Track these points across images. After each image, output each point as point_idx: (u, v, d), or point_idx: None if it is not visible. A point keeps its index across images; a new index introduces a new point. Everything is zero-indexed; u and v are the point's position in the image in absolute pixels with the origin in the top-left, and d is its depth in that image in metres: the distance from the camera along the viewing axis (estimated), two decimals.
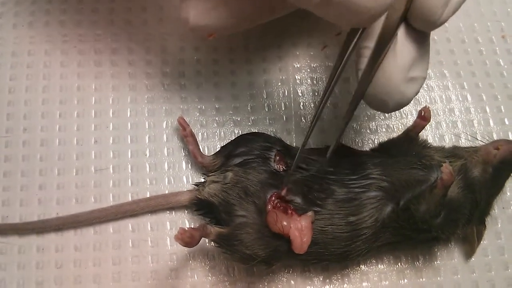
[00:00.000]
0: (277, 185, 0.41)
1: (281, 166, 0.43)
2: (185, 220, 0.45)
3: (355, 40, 0.34)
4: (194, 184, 0.45)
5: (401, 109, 0.49)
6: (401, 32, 0.34)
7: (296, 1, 0.32)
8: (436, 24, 0.33)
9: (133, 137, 0.47)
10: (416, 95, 0.35)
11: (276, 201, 0.41)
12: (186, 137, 0.45)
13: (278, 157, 0.43)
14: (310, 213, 0.40)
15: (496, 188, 0.45)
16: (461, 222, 0.42)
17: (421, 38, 0.34)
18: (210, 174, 0.43)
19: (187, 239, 0.37)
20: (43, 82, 0.49)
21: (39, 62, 0.50)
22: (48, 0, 0.52)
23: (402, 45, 0.34)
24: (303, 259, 0.42)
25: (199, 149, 0.45)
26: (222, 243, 0.41)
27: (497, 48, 0.53)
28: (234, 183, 0.41)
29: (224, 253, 0.42)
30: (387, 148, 0.46)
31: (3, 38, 0.50)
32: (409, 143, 0.45)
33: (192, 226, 0.44)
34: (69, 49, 0.50)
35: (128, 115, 0.48)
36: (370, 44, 0.35)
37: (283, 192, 0.40)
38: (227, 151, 0.44)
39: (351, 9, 0.30)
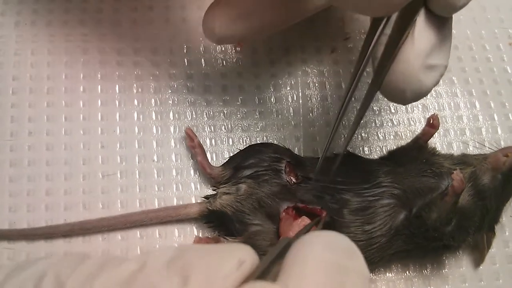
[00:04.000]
0: (290, 198, 0.41)
1: (292, 178, 0.42)
2: (193, 228, 0.44)
3: (379, 30, 0.33)
4: (204, 197, 0.44)
5: (409, 116, 0.50)
6: (420, 18, 0.33)
7: None
8: (455, 7, 0.32)
9: (141, 142, 0.46)
10: (435, 84, 0.34)
11: (291, 210, 0.41)
12: (194, 148, 0.45)
13: (288, 169, 0.43)
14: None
15: (505, 195, 0.45)
16: (472, 230, 0.42)
17: (441, 24, 0.33)
18: (221, 186, 0.43)
19: None
20: (48, 83, 0.48)
21: (43, 61, 0.48)
22: None
23: (421, 31, 0.33)
24: None
25: (208, 160, 0.45)
26: None
27: (504, 55, 0.53)
28: (248, 194, 0.41)
29: None
30: (396, 156, 0.46)
31: (5, 36, 0.49)
32: (418, 150, 0.45)
33: (201, 235, 0.44)
34: (73, 48, 0.49)
35: (135, 119, 0.47)
36: (387, 30, 0.33)
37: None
38: (236, 163, 0.44)
39: None
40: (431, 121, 0.44)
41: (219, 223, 0.42)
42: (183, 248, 0.23)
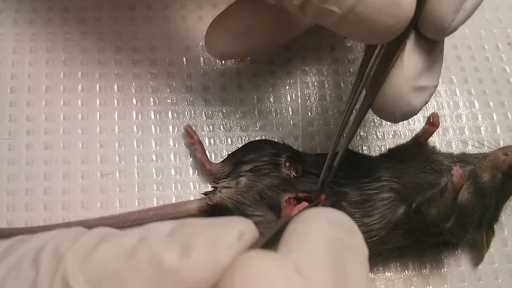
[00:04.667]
0: (291, 189, 0.41)
1: (292, 172, 0.43)
2: None
3: (374, 56, 0.34)
4: (203, 194, 0.44)
5: None
6: (410, 41, 0.33)
7: (313, 19, 0.31)
8: (445, 32, 0.32)
9: (139, 141, 0.46)
10: (425, 104, 0.35)
11: (292, 200, 0.41)
12: (194, 145, 0.45)
13: (288, 163, 0.43)
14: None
15: (505, 194, 0.45)
16: (471, 227, 0.43)
17: (431, 47, 0.34)
18: (221, 181, 0.43)
19: None
20: (46, 81, 0.47)
21: (41, 60, 0.48)
22: None
23: (410, 54, 0.33)
24: None
25: (207, 156, 0.45)
26: None
27: (503, 55, 0.53)
28: (248, 187, 0.41)
29: None
30: (396, 154, 0.46)
31: (4, 34, 0.49)
32: (418, 149, 0.46)
33: None
34: (72, 46, 0.49)
35: (134, 118, 0.47)
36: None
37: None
38: (236, 159, 0.44)
39: (370, 28, 0.29)
40: (431, 119, 0.45)
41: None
42: (182, 221, 0.23)
